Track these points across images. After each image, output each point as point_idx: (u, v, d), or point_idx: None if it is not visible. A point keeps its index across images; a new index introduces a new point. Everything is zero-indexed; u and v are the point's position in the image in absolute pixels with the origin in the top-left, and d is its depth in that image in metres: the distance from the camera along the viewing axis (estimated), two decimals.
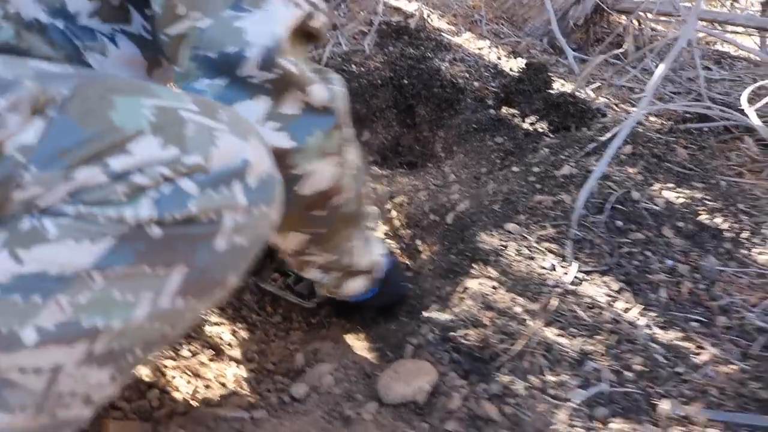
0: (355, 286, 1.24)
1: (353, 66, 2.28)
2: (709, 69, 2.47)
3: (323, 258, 1.09)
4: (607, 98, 2.12)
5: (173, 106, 0.66)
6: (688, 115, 1.98)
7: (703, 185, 1.67)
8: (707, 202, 1.60)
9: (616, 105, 2.07)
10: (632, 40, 2.44)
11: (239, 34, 0.73)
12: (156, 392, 1.13)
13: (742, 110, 1.76)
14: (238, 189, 0.66)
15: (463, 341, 1.23)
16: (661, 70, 1.55)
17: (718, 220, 1.56)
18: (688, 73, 2.30)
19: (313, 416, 1.06)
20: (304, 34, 0.82)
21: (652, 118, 1.98)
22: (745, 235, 1.53)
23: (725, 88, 2.18)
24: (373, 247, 1.23)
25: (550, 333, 1.23)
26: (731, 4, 2.64)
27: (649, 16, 2.41)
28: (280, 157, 0.78)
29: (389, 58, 2.31)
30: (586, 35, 2.71)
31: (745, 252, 1.48)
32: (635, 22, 2.46)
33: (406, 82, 2.25)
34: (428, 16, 2.60)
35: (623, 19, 2.43)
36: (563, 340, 1.21)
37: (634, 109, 2.11)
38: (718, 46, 2.69)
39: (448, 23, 2.59)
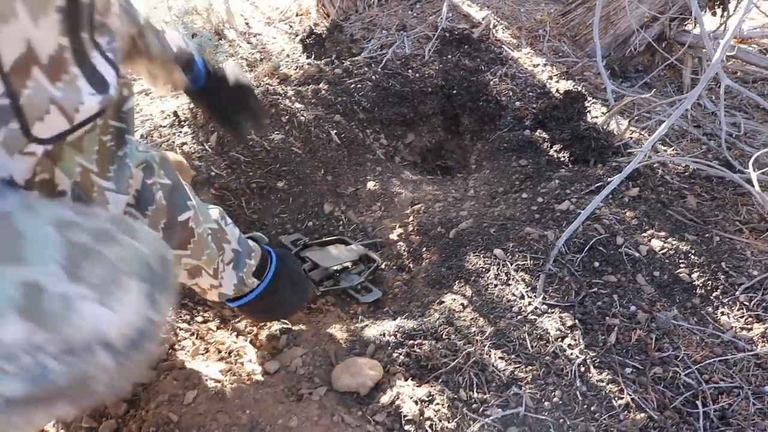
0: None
1: (409, 71, 2.47)
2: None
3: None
4: (641, 134, 2.19)
5: (35, 277, 0.66)
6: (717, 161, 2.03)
7: (696, 238, 1.76)
8: (692, 255, 1.70)
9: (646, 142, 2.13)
10: (689, 73, 2.46)
11: None
12: (165, 347, 1.44)
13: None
14: (102, 354, 0.67)
15: (416, 349, 1.45)
16: (664, 126, 1.64)
17: (696, 275, 1.66)
18: (733, 119, 2.31)
19: (275, 389, 1.33)
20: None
21: (675, 159, 2.04)
22: (716, 293, 1.62)
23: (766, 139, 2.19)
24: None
25: (493, 355, 1.43)
26: None
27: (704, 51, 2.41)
28: None
29: (444, 66, 2.47)
30: (652, 58, 2.72)
31: (710, 310, 1.59)
32: (692, 57, 2.46)
33: (455, 92, 2.42)
34: (494, 26, 2.72)
35: (686, 50, 2.44)
36: (500, 364, 1.41)
37: (663, 147, 2.18)
38: None
39: (511, 35, 2.69)
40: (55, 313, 0.65)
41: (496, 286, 1.63)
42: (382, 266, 1.88)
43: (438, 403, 1.31)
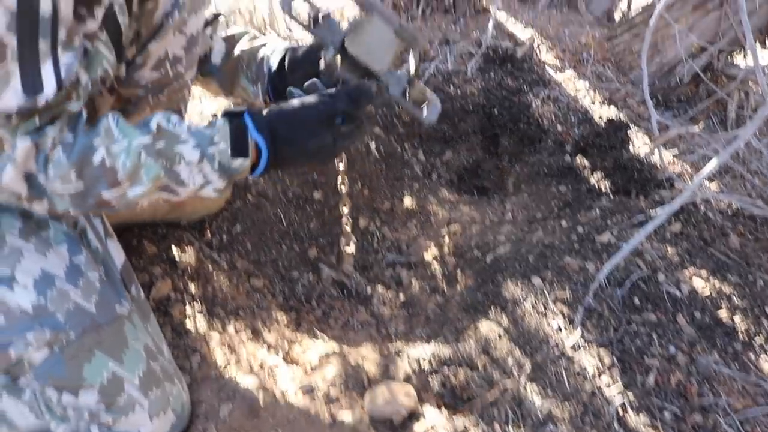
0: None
1: (451, 87, 2.45)
2: None
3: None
4: (683, 167, 2.16)
5: (124, 376, 1.11)
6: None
7: (738, 279, 1.72)
8: (734, 297, 1.66)
9: (690, 177, 2.10)
10: (734, 108, 2.42)
11: None
12: (198, 357, 1.43)
13: None
14: None
15: (451, 377, 1.43)
16: (713, 162, 1.61)
17: (738, 318, 1.62)
18: None
19: (308, 410, 1.32)
20: None
21: (721, 197, 2.00)
22: (759, 340, 1.58)
23: None
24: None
25: (530, 389, 1.40)
26: None
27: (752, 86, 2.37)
28: None
29: (487, 85, 2.45)
30: (696, 89, 2.68)
31: (752, 356, 1.55)
32: (740, 91, 2.42)
33: (496, 112, 2.40)
34: (538, 46, 2.69)
35: (733, 83, 2.40)
36: (537, 399, 1.38)
37: (705, 182, 2.14)
38: None
39: (554, 57, 2.66)
40: (120, 407, 1.11)
41: (532, 316, 1.60)
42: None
43: None
